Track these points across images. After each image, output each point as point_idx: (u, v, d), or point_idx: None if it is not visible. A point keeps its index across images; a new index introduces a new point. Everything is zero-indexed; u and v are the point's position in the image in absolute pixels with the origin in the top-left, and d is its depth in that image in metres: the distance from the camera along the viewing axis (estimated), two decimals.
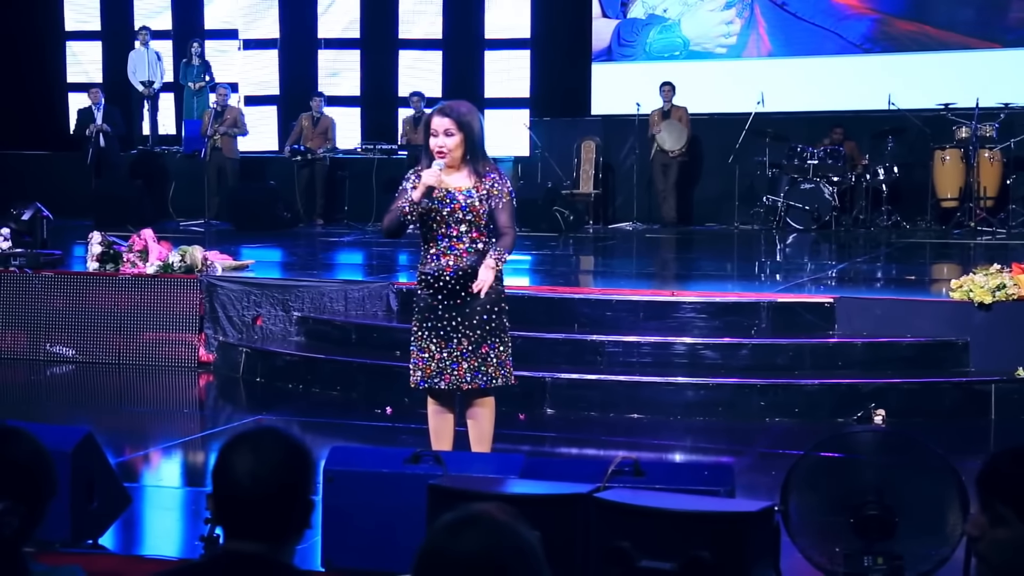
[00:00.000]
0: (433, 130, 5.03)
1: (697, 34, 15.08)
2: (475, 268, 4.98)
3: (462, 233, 5.00)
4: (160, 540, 5.23)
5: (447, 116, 5.02)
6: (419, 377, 5.10)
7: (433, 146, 5.01)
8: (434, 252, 5.03)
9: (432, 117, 5.06)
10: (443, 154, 4.98)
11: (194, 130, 15.13)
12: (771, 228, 13.39)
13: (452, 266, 5.00)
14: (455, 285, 5.00)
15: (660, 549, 3.52)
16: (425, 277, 5.05)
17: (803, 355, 7.55)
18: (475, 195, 5.00)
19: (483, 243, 5.02)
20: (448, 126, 5.00)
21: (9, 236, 9.78)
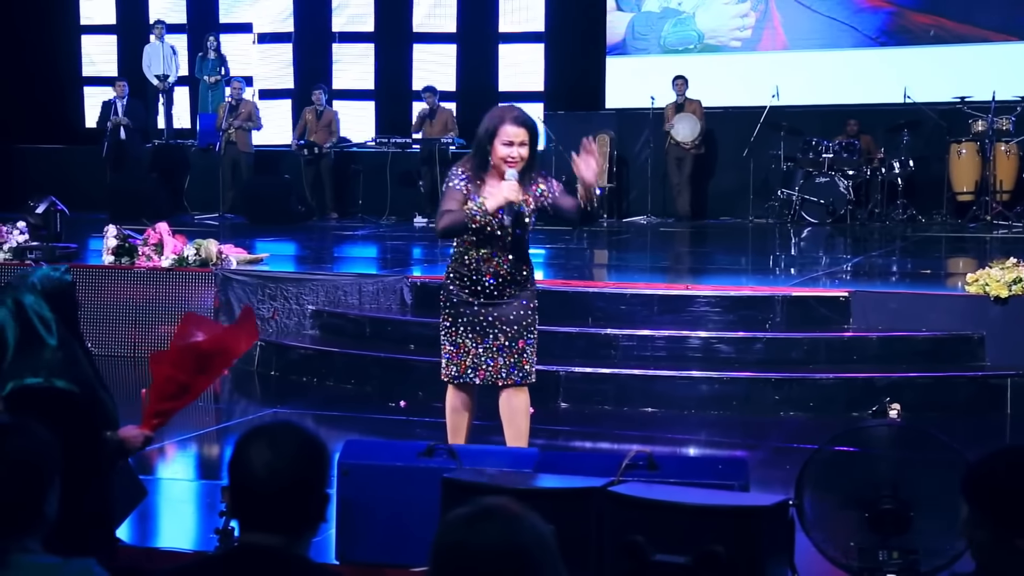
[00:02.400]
0: (508, 140, 4.83)
1: (712, 27, 15.03)
2: (514, 276, 4.94)
3: (506, 243, 4.92)
4: (175, 533, 5.25)
5: (524, 127, 4.85)
6: (453, 371, 5.03)
7: (505, 155, 4.82)
8: (476, 256, 4.94)
9: (505, 124, 4.83)
10: (514, 164, 4.82)
11: (209, 124, 15.16)
12: (786, 222, 13.36)
13: (492, 272, 4.94)
14: (493, 291, 4.96)
15: (674, 543, 3.53)
16: (461, 277, 4.98)
17: (818, 349, 7.53)
18: (527, 210, 4.92)
19: (522, 251, 4.98)
20: (524, 137, 4.84)
21: (25, 229, 9.82)
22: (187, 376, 3.48)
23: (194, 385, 3.52)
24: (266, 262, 9.82)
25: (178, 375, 3.48)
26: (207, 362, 3.48)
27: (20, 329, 3.26)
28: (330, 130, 14.87)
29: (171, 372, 3.48)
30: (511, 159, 4.84)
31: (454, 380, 5.06)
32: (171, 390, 3.51)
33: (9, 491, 2.17)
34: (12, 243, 9.63)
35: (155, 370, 3.50)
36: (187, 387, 3.51)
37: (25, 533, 2.20)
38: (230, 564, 2.24)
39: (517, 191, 4.80)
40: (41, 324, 3.27)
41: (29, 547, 2.20)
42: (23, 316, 3.27)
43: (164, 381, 3.49)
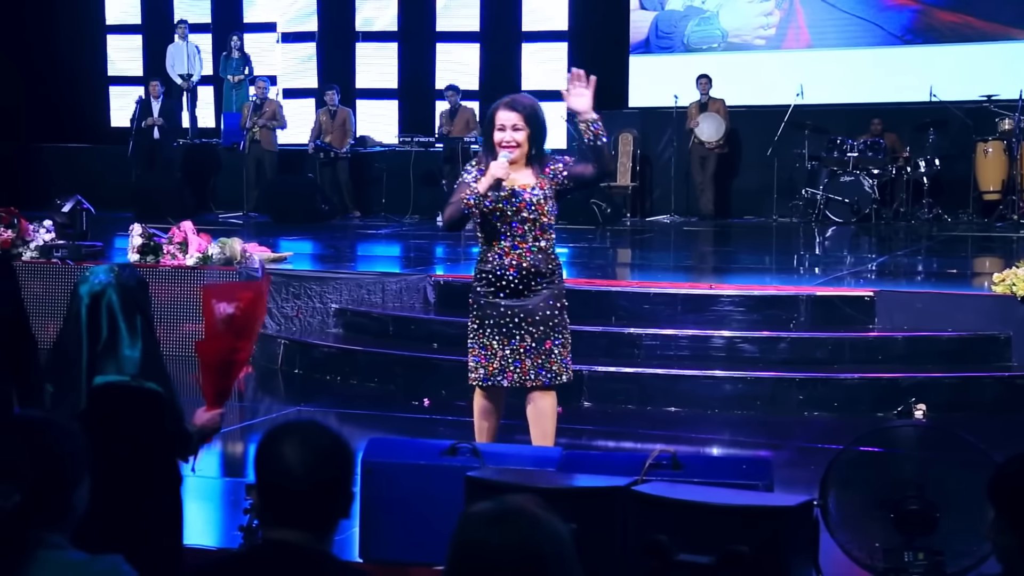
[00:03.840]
0: (500, 124, 4.89)
1: (736, 26, 14.98)
2: (538, 268, 4.92)
3: (526, 232, 4.91)
4: (200, 530, 5.26)
5: (514, 110, 4.90)
6: (481, 375, 5.00)
7: (499, 140, 4.88)
8: (496, 251, 4.93)
9: (498, 111, 4.92)
10: (511, 147, 4.85)
11: (233, 123, 15.22)
12: (810, 221, 13.30)
13: (515, 265, 4.91)
14: (518, 284, 4.93)
15: (698, 543, 3.51)
16: (485, 275, 4.96)
17: (843, 349, 7.50)
18: (540, 192, 4.90)
19: (545, 242, 4.95)
20: (516, 120, 4.88)
21: (52, 228, 9.88)
22: (233, 345, 3.51)
23: (241, 352, 3.55)
24: (289, 261, 9.84)
25: (225, 348, 3.51)
26: (245, 324, 3.51)
27: (107, 327, 3.29)
28: (344, 130, 14.88)
29: (218, 349, 3.51)
30: (505, 143, 4.88)
31: (482, 383, 5.03)
32: (223, 366, 3.53)
33: (36, 485, 2.18)
34: (39, 241, 9.69)
35: (203, 353, 3.53)
36: (236, 359, 3.54)
37: (52, 528, 2.21)
38: (256, 561, 2.25)
39: (505, 169, 4.82)
40: (126, 323, 3.30)
41: (56, 542, 2.21)
42: (111, 314, 3.29)
43: (215, 360, 3.52)
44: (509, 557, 1.86)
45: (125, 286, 3.37)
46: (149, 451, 3.37)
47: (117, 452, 3.25)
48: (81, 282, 3.36)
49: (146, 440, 3.35)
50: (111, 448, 3.23)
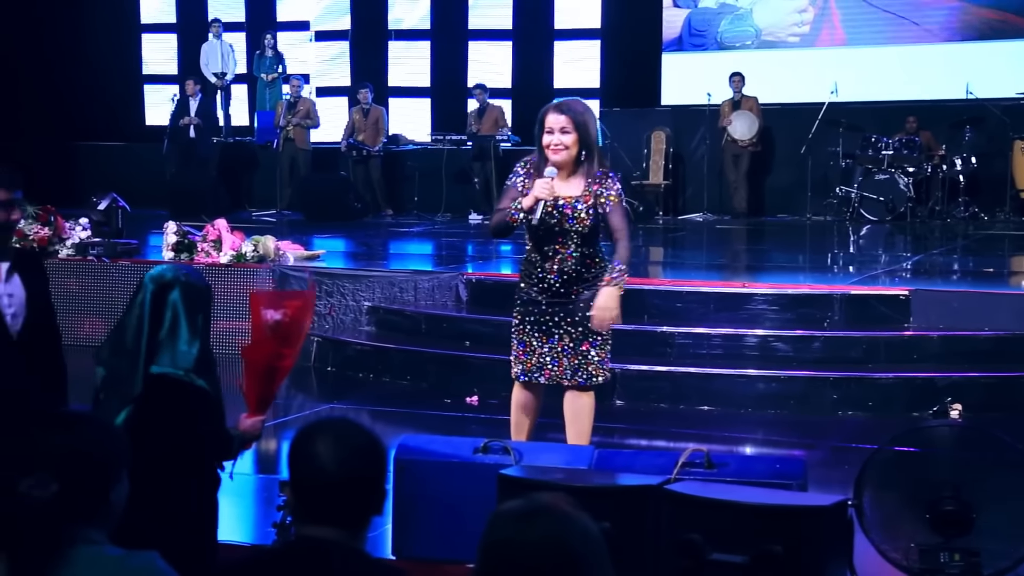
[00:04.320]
0: (548, 127, 4.87)
1: (769, 23, 14.91)
2: (580, 274, 4.92)
3: (567, 240, 4.91)
4: (233, 526, 5.28)
5: (563, 113, 4.88)
6: (520, 370, 5.02)
7: (547, 143, 4.86)
8: (539, 256, 4.95)
9: (547, 114, 4.90)
10: (558, 151, 4.84)
11: (266, 121, 15.29)
12: (844, 219, 13.22)
13: (556, 270, 4.92)
14: (560, 288, 4.93)
15: (731, 542, 3.50)
16: (529, 276, 4.98)
17: (877, 348, 7.45)
18: (582, 206, 4.87)
19: (589, 248, 4.94)
20: (564, 123, 4.86)
21: (87, 226, 9.96)
22: (278, 351, 3.53)
23: (286, 359, 3.57)
24: (323, 258, 9.88)
25: (270, 354, 3.53)
26: (291, 331, 3.53)
27: (169, 319, 3.32)
28: (377, 128, 14.91)
29: (263, 355, 3.53)
30: (554, 146, 4.86)
31: (520, 379, 5.05)
32: (267, 372, 3.56)
33: (75, 480, 2.19)
34: (75, 239, 9.77)
35: (249, 358, 3.55)
36: (280, 364, 3.57)
37: (90, 523, 2.22)
38: (289, 557, 2.25)
39: (548, 190, 4.79)
40: (188, 319, 3.33)
41: (93, 538, 2.22)
42: (174, 308, 3.32)
43: (260, 366, 3.54)
44: (539, 555, 1.86)
45: (192, 285, 3.40)
46: (191, 447, 3.39)
47: (161, 443, 3.27)
48: (149, 274, 3.39)
49: (190, 435, 3.37)
50: (155, 438, 3.26)
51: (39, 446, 2.21)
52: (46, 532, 2.16)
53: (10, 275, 3.70)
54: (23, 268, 3.74)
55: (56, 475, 2.18)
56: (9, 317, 3.66)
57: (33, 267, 3.84)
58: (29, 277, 3.74)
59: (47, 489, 2.16)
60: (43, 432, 2.24)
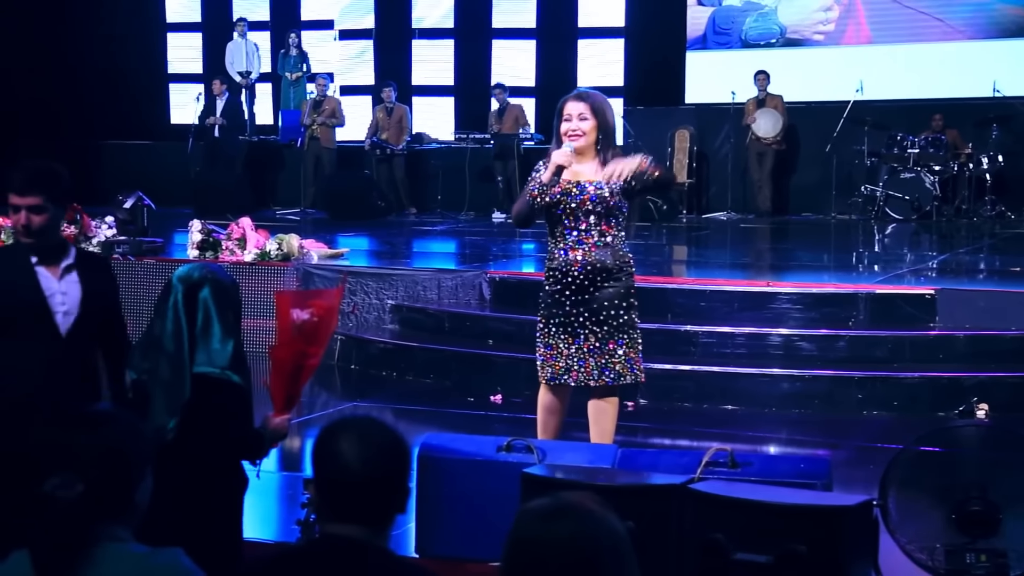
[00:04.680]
0: (567, 115, 4.92)
1: (794, 21, 14.85)
2: (604, 263, 4.90)
3: (591, 226, 4.89)
4: (258, 524, 5.30)
5: (582, 101, 4.93)
6: (548, 373, 5.00)
7: (565, 130, 4.90)
8: (562, 246, 4.93)
9: (566, 102, 4.96)
10: (576, 137, 4.88)
11: (290, 120, 15.33)
12: (870, 218, 13.16)
13: (580, 260, 4.89)
14: (583, 280, 4.90)
15: (755, 542, 3.49)
16: (553, 273, 4.96)
17: (903, 347, 7.41)
18: (605, 187, 4.88)
19: (612, 236, 4.92)
20: (583, 110, 4.91)
21: (113, 224, 10.01)
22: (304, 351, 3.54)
23: (311, 358, 3.58)
24: (346, 257, 9.90)
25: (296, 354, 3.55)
26: (317, 331, 3.54)
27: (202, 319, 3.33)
28: (401, 126, 14.93)
29: (290, 354, 3.54)
30: (572, 132, 4.89)
31: (549, 381, 5.04)
32: (293, 371, 3.57)
33: (101, 477, 2.21)
34: (101, 237, 9.83)
35: (275, 358, 3.56)
36: (305, 364, 3.58)
37: (115, 521, 2.23)
38: (313, 555, 2.26)
39: (567, 157, 4.83)
40: (220, 318, 3.35)
41: (119, 535, 2.23)
42: (205, 307, 3.34)
43: (286, 365, 3.55)
44: (566, 553, 1.86)
45: (220, 282, 3.41)
46: (224, 444, 3.40)
47: (198, 442, 3.28)
48: (176, 275, 3.40)
49: (223, 433, 3.39)
50: (193, 437, 3.27)
51: (65, 445, 2.22)
52: (71, 531, 2.17)
53: (66, 274, 3.72)
54: (83, 268, 3.75)
55: (82, 473, 2.19)
56: (60, 315, 3.68)
57: (95, 267, 3.86)
58: (89, 277, 3.75)
59: (72, 489, 2.18)
60: (69, 430, 2.25)
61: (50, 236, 3.74)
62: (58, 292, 3.71)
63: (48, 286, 3.70)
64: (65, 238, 3.86)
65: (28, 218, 3.68)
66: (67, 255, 3.76)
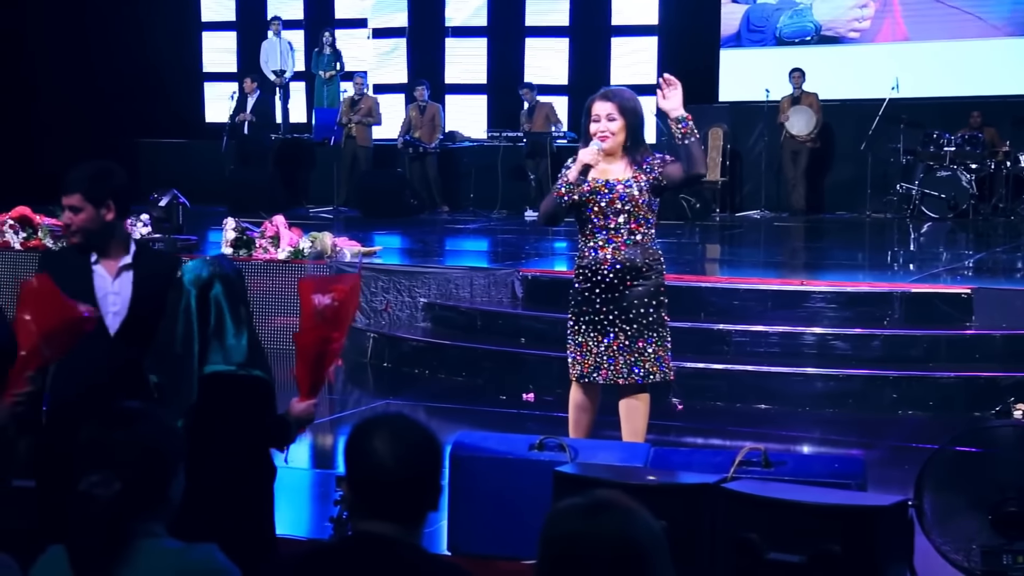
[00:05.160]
0: (595, 115, 4.91)
1: (829, 19, 14.75)
2: (633, 262, 4.89)
3: (620, 225, 4.89)
4: (290, 520, 5.33)
5: (609, 100, 4.92)
6: (578, 371, 5.00)
7: (594, 131, 4.89)
8: (592, 245, 4.93)
9: (594, 102, 4.94)
10: (605, 137, 4.86)
11: (324, 118, 15.37)
12: (905, 217, 13.06)
13: (610, 259, 4.89)
14: (613, 279, 4.90)
15: (789, 542, 3.47)
16: (582, 271, 4.96)
17: (938, 347, 7.36)
18: (634, 185, 4.88)
19: (641, 235, 4.92)
20: (611, 110, 4.90)
21: (148, 222, 10.08)
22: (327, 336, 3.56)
23: (334, 343, 3.60)
24: (379, 255, 9.92)
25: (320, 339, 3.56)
26: (339, 315, 3.56)
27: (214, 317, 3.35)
28: (433, 124, 14.94)
29: (314, 340, 3.56)
30: (600, 133, 4.87)
31: (580, 380, 5.04)
32: (317, 356, 3.59)
33: (136, 474, 2.22)
34: (136, 235, 9.87)
35: (300, 344, 3.58)
36: (329, 348, 3.59)
37: (150, 517, 2.25)
38: (346, 552, 2.27)
39: (594, 155, 4.81)
40: (231, 312, 3.36)
41: (153, 531, 2.25)
42: (217, 305, 3.36)
43: (311, 351, 3.57)
44: (604, 549, 1.86)
45: (227, 277, 3.42)
46: (250, 440, 3.42)
47: (220, 440, 3.30)
48: (187, 278, 3.40)
49: (249, 428, 3.40)
50: (216, 437, 3.28)
51: (101, 443, 2.24)
52: (108, 528, 2.18)
53: (121, 274, 3.74)
54: (140, 268, 3.75)
55: (117, 471, 2.21)
56: (110, 315, 3.69)
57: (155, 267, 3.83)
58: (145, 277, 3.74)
59: (109, 488, 2.19)
60: (104, 429, 2.26)
61: (93, 236, 3.72)
62: (111, 292, 3.71)
63: (102, 286, 3.70)
64: (128, 236, 3.84)
65: (69, 218, 3.71)
66: (126, 254, 3.76)
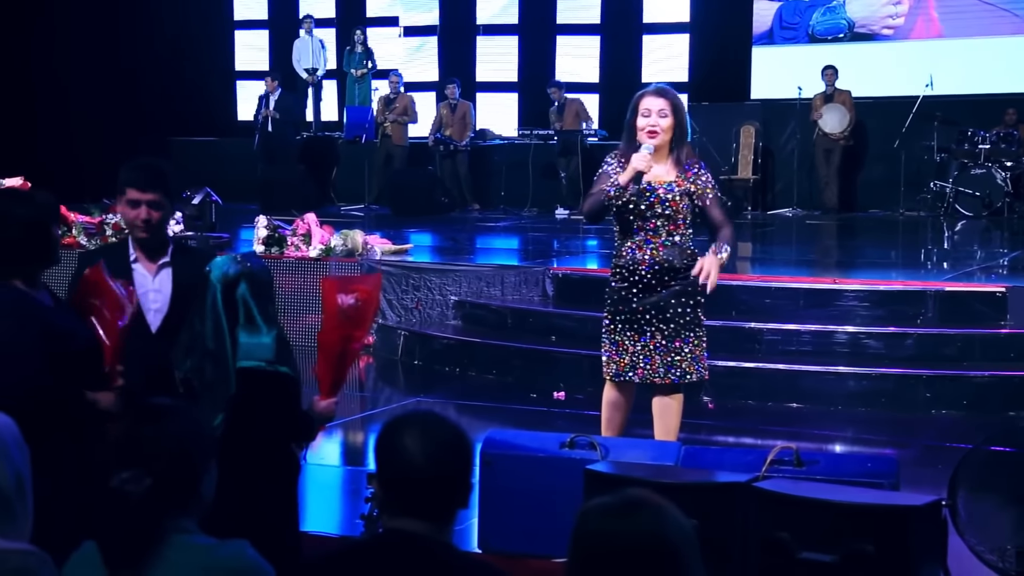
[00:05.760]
0: (645, 110, 4.84)
1: (863, 16, 14.66)
2: (671, 262, 4.88)
3: (659, 227, 4.87)
4: (321, 517, 5.35)
5: (662, 97, 4.86)
6: (613, 370, 4.98)
7: (644, 126, 4.83)
8: (630, 245, 4.91)
9: (644, 97, 4.87)
10: (654, 134, 4.82)
11: (356, 116, 15.41)
12: (939, 215, 12.96)
13: (648, 260, 4.87)
14: (651, 279, 4.89)
15: (821, 541, 3.46)
16: (620, 270, 4.94)
17: (972, 346, 7.30)
18: (676, 190, 4.85)
19: (679, 235, 4.90)
20: (663, 107, 4.84)
21: (180, 220, 10.14)
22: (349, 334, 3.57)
23: (355, 342, 3.61)
24: (410, 253, 9.94)
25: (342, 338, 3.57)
26: (361, 314, 3.57)
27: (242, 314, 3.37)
28: (464, 123, 14.95)
29: (336, 338, 3.57)
30: (650, 129, 4.83)
31: (614, 378, 5.02)
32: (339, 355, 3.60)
33: (167, 470, 2.23)
34: (169, 232, 9.93)
35: (322, 342, 3.60)
36: (350, 348, 3.61)
37: (182, 513, 2.26)
38: (378, 549, 2.27)
39: (647, 162, 4.78)
40: (259, 310, 3.38)
41: (186, 527, 2.26)
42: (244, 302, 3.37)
43: (333, 349, 3.59)
44: (636, 546, 1.86)
45: (255, 274, 3.43)
46: (276, 436, 3.43)
47: (248, 436, 3.32)
48: (214, 275, 3.42)
49: (275, 425, 3.42)
50: (242, 433, 3.30)
51: (133, 439, 2.25)
52: (141, 524, 2.20)
53: (161, 271, 3.77)
54: (178, 265, 3.78)
55: (149, 467, 2.22)
56: (151, 313, 3.72)
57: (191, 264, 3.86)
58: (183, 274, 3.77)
59: (140, 484, 2.20)
60: (135, 425, 2.28)
61: (162, 232, 3.81)
62: (151, 290, 3.74)
63: (142, 283, 3.73)
64: (166, 234, 3.90)
65: (148, 213, 3.74)
66: (165, 252, 3.80)
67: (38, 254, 3.39)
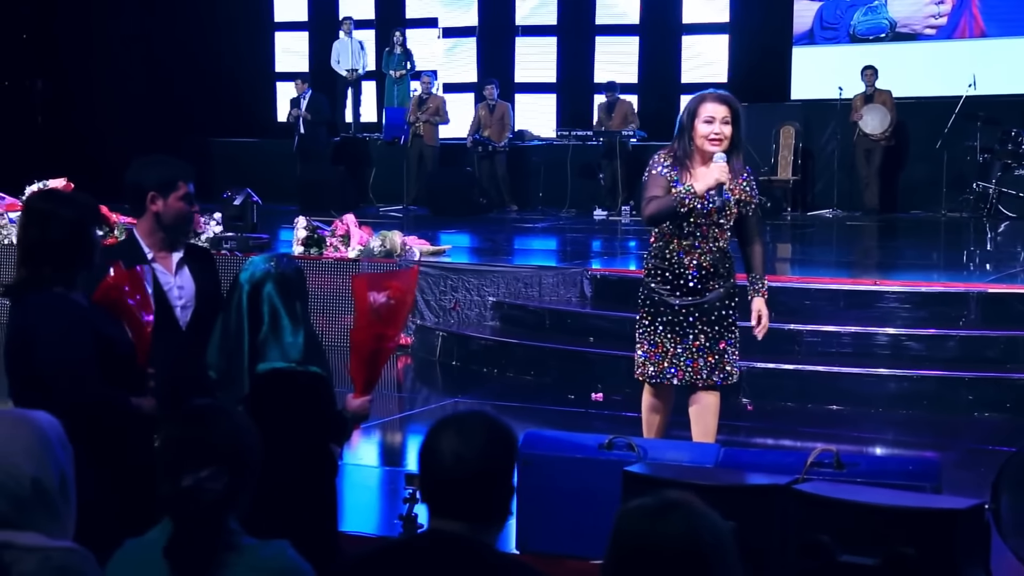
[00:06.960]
0: (708, 116, 4.79)
1: (905, 15, 14.54)
2: (716, 267, 4.87)
3: (708, 232, 4.85)
4: (359, 518, 5.37)
5: (725, 104, 4.81)
6: (651, 371, 4.94)
7: (707, 133, 4.78)
8: (676, 248, 4.87)
9: (705, 102, 4.81)
10: (718, 142, 4.78)
11: (394, 117, 15.47)
12: (981, 216, 12.83)
13: (695, 264, 4.86)
14: (696, 284, 4.87)
15: (861, 544, 3.43)
16: (661, 272, 4.90)
17: (1016, 348, 7.22)
18: (731, 198, 4.83)
19: (723, 241, 4.90)
20: (726, 114, 4.80)
21: (221, 220, 10.21)
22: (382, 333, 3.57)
23: (389, 340, 3.61)
24: (448, 254, 9.96)
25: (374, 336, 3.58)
26: (394, 312, 3.57)
27: (268, 315, 3.39)
28: (503, 124, 14.95)
29: (369, 337, 3.58)
30: (714, 136, 4.79)
31: (651, 380, 4.99)
32: (372, 354, 3.60)
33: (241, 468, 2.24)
34: (209, 234, 10.03)
35: (355, 341, 3.60)
36: (383, 346, 3.61)
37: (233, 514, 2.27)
38: (417, 549, 2.27)
39: (726, 172, 4.74)
40: (287, 310, 3.40)
41: (232, 527, 2.27)
42: (271, 302, 3.39)
43: (365, 348, 3.59)
44: (674, 548, 1.85)
45: (284, 275, 3.44)
46: (311, 436, 3.44)
47: (281, 437, 3.33)
48: (242, 271, 3.44)
49: (309, 425, 3.43)
50: (276, 434, 3.32)
51: (200, 439, 2.25)
52: (216, 523, 2.20)
53: (179, 268, 3.80)
54: (193, 262, 3.82)
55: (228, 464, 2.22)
56: (179, 309, 3.75)
57: (203, 261, 3.92)
58: (199, 270, 3.81)
59: (220, 481, 2.20)
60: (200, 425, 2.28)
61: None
62: (175, 286, 3.77)
63: (165, 280, 3.75)
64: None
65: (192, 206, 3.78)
66: (178, 250, 3.83)
67: (80, 257, 3.38)
